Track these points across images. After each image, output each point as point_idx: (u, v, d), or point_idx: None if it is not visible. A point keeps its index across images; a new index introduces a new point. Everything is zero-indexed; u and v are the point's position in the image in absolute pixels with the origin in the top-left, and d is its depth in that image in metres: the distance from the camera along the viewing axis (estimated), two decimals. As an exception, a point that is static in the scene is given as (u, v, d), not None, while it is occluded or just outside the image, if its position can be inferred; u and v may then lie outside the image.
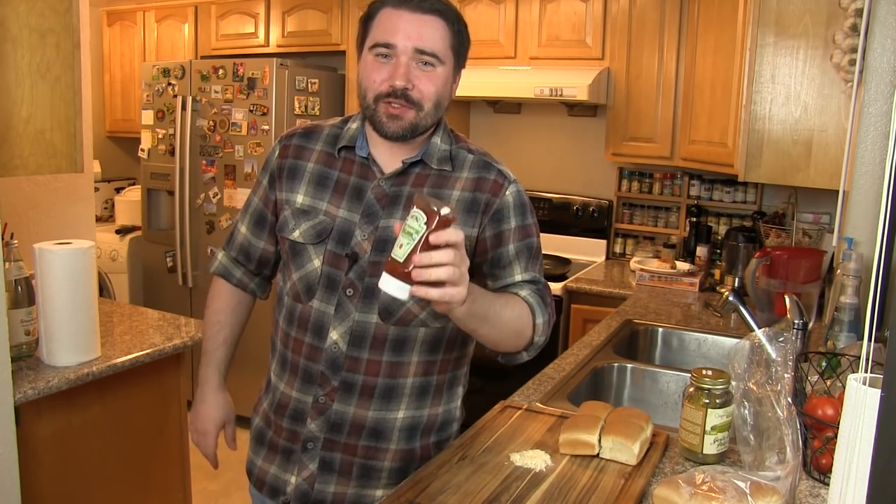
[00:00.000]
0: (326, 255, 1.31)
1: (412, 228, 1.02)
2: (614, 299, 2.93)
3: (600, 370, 1.98)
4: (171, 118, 3.90)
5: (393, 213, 1.30)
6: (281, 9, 4.05)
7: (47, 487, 1.82)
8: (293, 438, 1.38)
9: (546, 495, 1.20)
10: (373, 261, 1.29)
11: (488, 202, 1.32)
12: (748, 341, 1.28)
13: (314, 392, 1.34)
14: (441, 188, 1.32)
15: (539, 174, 3.80)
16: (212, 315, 1.51)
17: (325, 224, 1.32)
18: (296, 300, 1.35)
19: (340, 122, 1.41)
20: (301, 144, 1.39)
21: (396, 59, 1.23)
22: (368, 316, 1.30)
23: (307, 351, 1.34)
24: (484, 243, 1.33)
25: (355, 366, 1.31)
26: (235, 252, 1.48)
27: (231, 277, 1.49)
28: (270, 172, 1.41)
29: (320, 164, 1.36)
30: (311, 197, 1.34)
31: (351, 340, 1.31)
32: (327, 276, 1.31)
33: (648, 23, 3.15)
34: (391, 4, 1.25)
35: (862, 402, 0.85)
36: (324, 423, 1.34)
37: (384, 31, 1.24)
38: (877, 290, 0.79)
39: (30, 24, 1.89)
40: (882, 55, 1.92)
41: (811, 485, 1.28)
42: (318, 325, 1.32)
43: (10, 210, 2.44)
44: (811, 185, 2.34)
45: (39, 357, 1.85)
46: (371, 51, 1.25)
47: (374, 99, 1.25)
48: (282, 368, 1.40)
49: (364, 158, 1.33)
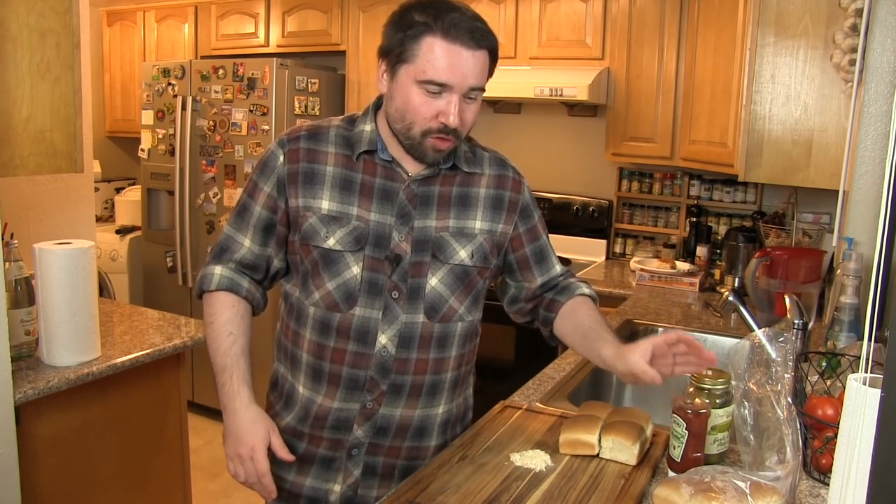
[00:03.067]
0: (366, 260, 1.29)
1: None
2: (614, 299, 2.93)
3: (600, 370, 1.98)
4: (171, 118, 3.90)
5: (427, 214, 1.32)
6: (281, 9, 4.05)
7: (47, 487, 1.82)
8: (336, 447, 1.35)
9: (546, 495, 1.20)
10: (414, 261, 1.30)
11: (513, 200, 1.40)
12: (748, 341, 1.28)
13: (361, 398, 1.32)
14: (468, 186, 1.36)
15: (539, 174, 3.80)
16: (221, 327, 1.34)
17: (360, 229, 1.29)
18: (331, 310, 1.30)
19: (345, 123, 1.36)
20: (311, 147, 1.32)
21: (449, 97, 1.21)
22: (415, 316, 1.31)
23: (352, 359, 1.30)
24: (519, 239, 1.42)
25: (404, 367, 1.31)
26: (235, 264, 1.37)
27: (240, 289, 1.36)
28: (278, 179, 1.32)
29: (339, 167, 1.31)
30: (337, 202, 1.29)
31: (400, 342, 1.30)
32: (369, 282, 1.29)
33: (648, 23, 3.15)
34: (442, 35, 1.19)
35: (862, 402, 0.84)
36: (370, 428, 1.33)
37: (438, 68, 1.19)
38: (877, 290, 0.79)
39: (30, 24, 1.89)
40: (882, 55, 1.92)
41: (811, 485, 1.28)
42: (363, 331, 1.29)
43: (10, 210, 2.44)
44: (811, 185, 2.34)
45: (39, 357, 1.85)
46: (421, 84, 1.20)
47: (421, 133, 1.24)
48: (315, 381, 1.33)
49: (388, 161, 1.31)
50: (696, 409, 1.25)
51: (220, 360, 1.33)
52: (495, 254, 1.38)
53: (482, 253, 1.35)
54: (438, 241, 1.31)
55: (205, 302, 1.38)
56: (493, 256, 1.37)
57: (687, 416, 1.24)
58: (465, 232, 1.33)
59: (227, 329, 1.34)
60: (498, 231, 1.37)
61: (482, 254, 1.35)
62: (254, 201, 1.34)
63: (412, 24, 1.20)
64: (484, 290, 1.42)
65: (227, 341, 1.34)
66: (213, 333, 1.35)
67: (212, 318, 1.36)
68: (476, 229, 1.34)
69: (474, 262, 1.34)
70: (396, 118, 1.26)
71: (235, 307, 1.36)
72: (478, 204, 1.36)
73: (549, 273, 1.46)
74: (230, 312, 1.35)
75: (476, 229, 1.34)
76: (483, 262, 1.35)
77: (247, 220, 1.35)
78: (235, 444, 1.29)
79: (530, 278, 1.45)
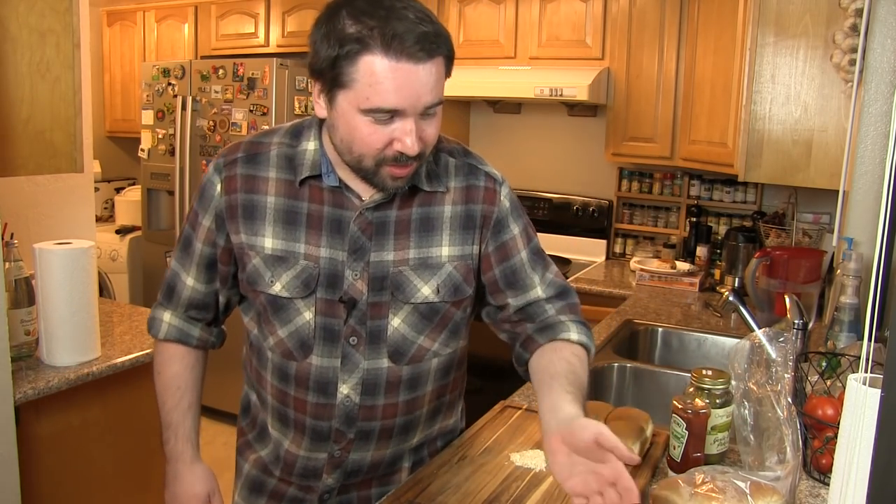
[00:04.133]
0: (318, 304, 1.14)
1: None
2: (614, 299, 2.92)
3: (600, 370, 1.98)
4: (171, 118, 3.90)
5: (383, 245, 1.14)
6: (281, 9, 4.05)
7: (47, 487, 1.82)
8: (307, 490, 1.28)
9: (546, 495, 1.20)
10: (372, 301, 1.15)
11: (485, 214, 1.19)
12: (748, 341, 1.28)
13: (328, 448, 1.22)
14: (430, 206, 1.16)
15: (539, 174, 3.80)
16: (169, 381, 1.27)
17: (309, 269, 1.13)
18: (287, 358, 1.18)
19: (288, 138, 1.17)
20: (249, 174, 1.14)
21: (402, 122, 1.02)
22: (378, 361, 1.17)
23: (313, 410, 1.19)
24: (488, 259, 1.20)
25: (371, 413, 1.19)
26: (184, 307, 1.25)
27: (190, 339, 1.26)
28: (216, 212, 1.17)
29: (281, 196, 1.13)
30: (282, 239, 1.13)
31: (364, 390, 1.17)
32: (323, 328, 1.15)
33: (648, 23, 3.15)
34: (383, 52, 0.97)
35: (862, 402, 0.84)
36: (340, 474, 1.25)
37: (384, 93, 0.98)
38: (877, 290, 0.78)
39: (30, 24, 1.89)
40: (882, 55, 1.92)
41: (811, 485, 1.28)
42: (323, 381, 1.17)
43: (10, 210, 2.44)
44: (811, 185, 2.34)
45: (39, 357, 1.85)
46: (366, 113, 1.00)
47: (374, 164, 1.05)
48: (283, 425, 1.25)
49: (335, 187, 1.13)
50: (696, 409, 1.25)
51: (165, 416, 1.29)
52: (471, 281, 1.20)
53: (451, 285, 1.17)
54: (397, 277, 1.14)
55: (154, 347, 1.30)
56: (467, 285, 1.19)
57: (687, 416, 1.24)
58: (430, 263, 1.16)
59: (174, 383, 1.27)
60: (472, 254, 1.18)
61: (451, 286, 1.17)
62: (195, 235, 1.20)
63: (344, 40, 0.98)
64: (466, 318, 1.25)
65: (174, 397, 1.28)
66: (161, 386, 1.29)
67: (160, 367, 1.29)
68: (443, 257, 1.16)
69: (441, 297, 1.16)
70: (343, 150, 1.07)
71: (185, 359, 1.28)
72: (443, 226, 1.16)
73: (526, 296, 1.22)
74: (178, 366, 1.27)
75: (443, 257, 1.16)
76: (454, 295, 1.18)
77: (190, 256, 1.22)
78: (171, 500, 1.31)
79: (502, 301, 1.23)
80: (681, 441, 1.25)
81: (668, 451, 1.29)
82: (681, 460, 1.26)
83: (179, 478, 1.30)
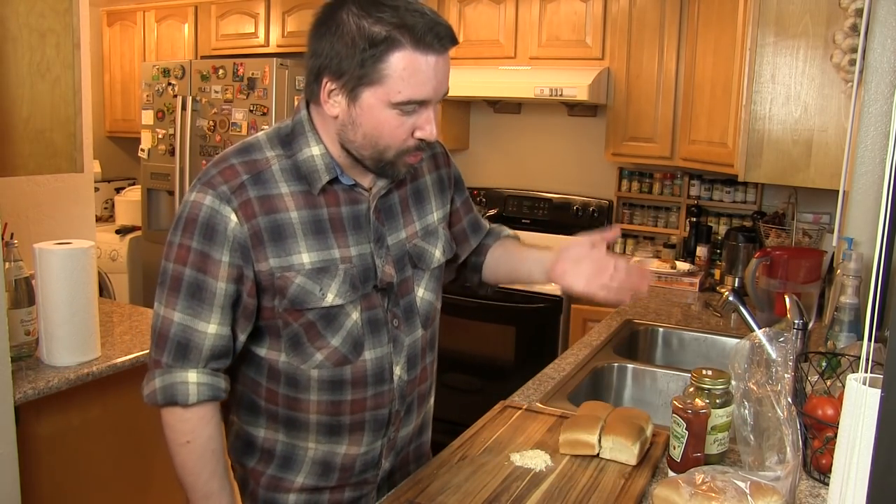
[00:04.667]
0: (362, 301, 1.17)
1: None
2: (614, 299, 2.92)
3: (600, 370, 1.98)
4: (171, 118, 3.90)
5: (396, 226, 1.23)
6: (281, 9, 4.05)
7: (47, 487, 1.82)
8: (363, 486, 1.28)
9: (546, 495, 1.20)
10: (400, 280, 1.23)
11: (448, 175, 1.36)
12: (748, 341, 1.28)
13: (386, 433, 1.26)
14: (417, 179, 1.29)
15: (539, 174, 3.80)
16: (205, 446, 1.15)
17: (350, 272, 1.15)
18: (340, 365, 1.17)
19: (280, 149, 1.15)
20: (263, 195, 1.11)
21: (426, 111, 1.09)
22: (415, 333, 1.26)
23: (373, 402, 1.22)
24: (458, 212, 1.39)
25: (413, 385, 1.28)
26: (206, 361, 1.13)
27: (220, 394, 1.16)
28: (237, 243, 1.10)
29: (303, 208, 1.13)
30: (316, 251, 1.13)
31: (408, 365, 1.25)
32: (369, 322, 1.19)
33: (648, 23, 3.15)
34: (413, 47, 1.03)
35: (862, 402, 0.84)
36: (394, 456, 1.31)
37: (416, 85, 1.05)
38: (877, 290, 0.79)
39: (30, 24, 1.89)
40: (882, 55, 1.92)
41: (811, 485, 1.28)
42: (379, 371, 1.21)
43: (10, 210, 2.44)
44: (811, 185, 2.34)
45: (39, 357, 1.85)
46: (396, 106, 1.06)
47: (396, 154, 1.11)
48: (332, 435, 1.22)
49: (350, 186, 1.17)
50: (696, 409, 1.25)
51: (202, 487, 1.16)
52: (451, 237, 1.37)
53: (448, 244, 1.33)
54: (414, 250, 1.25)
55: (173, 416, 1.14)
56: (452, 241, 1.36)
57: (687, 416, 1.24)
58: (430, 229, 1.29)
59: (210, 447, 1.16)
60: (447, 210, 1.35)
61: (448, 245, 1.33)
62: (209, 276, 1.10)
63: (374, 41, 1.02)
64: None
65: (211, 462, 1.16)
66: (195, 455, 1.15)
67: (191, 435, 1.14)
68: (436, 221, 1.30)
69: (445, 255, 1.32)
70: (363, 145, 1.10)
71: (215, 417, 1.17)
72: (430, 194, 1.31)
73: (481, 234, 1.45)
74: (211, 427, 1.16)
75: (436, 221, 1.30)
76: (450, 252, 1.34)
77: (207, 301, 1.10)
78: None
79: (466, 246, 1.41)
80: (681, 441, 1.25)
81: (668, 451, 1.29)
82: (681, 460, 1.26)
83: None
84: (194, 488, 1.17)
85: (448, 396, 1.55)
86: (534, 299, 3.06)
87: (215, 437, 1.17)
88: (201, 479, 1.16)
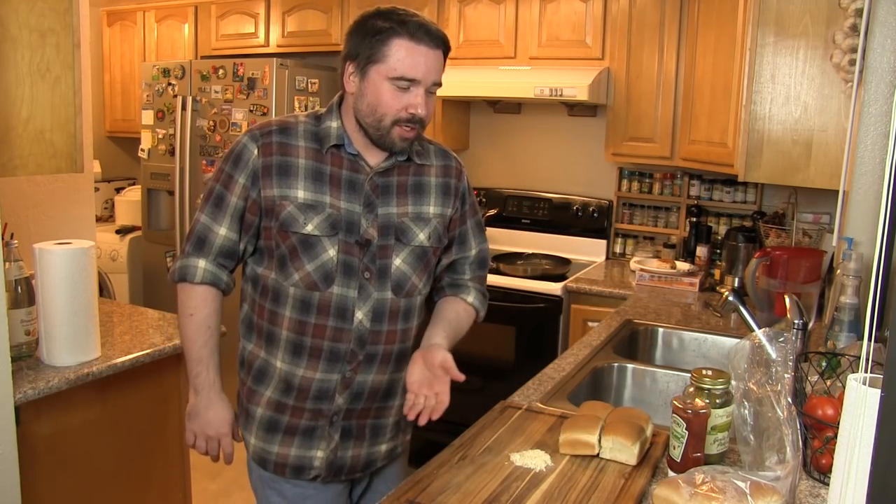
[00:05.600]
0: (340, 244, 1.42)
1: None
2: (614, 299, 2.93)
3: (600, 370, 1.98)
4: (171, 118, 3.90)
5: (389, 202, 1.46)
6: (281, 9, 4.05)
7: (47, 487, 1.82)
8: (317, 416, 1.48)
9: (546, 495, 1.20)
10: (381, 245, 1.45)
11: (456, 186, 1.57)
12: (748, 341, 1.28)
13: (341, 369, 1.45)
14: (421, 176, 1.51)
15: (539, 174, 3.80)
16: (202, 321, 1.48)
17: (334, 216, 1.42)
18: (311, 289, 1.42)
19: (311, 119, 1.47)
20: (283, 141, 1.43)
21: (416, 90, 1.37)
22: (384, 293, 1.46)
23: (332, 334, 1.44)
24: (455, 221, 1.58)
25: (378, 338, 1.47)
26: (214, 255, 1.46)
27: (220, 283, 1.48)
28: (252, 171, 1.42)
29: (311, 159, 1.43)
30: (311, 192, 1.42)
31: (373, 317, 1.45)
32: (343, 263, 1.42)
33: (648, 23, 3.15)
34: (408, 36, 1.35)
35: (862, 402, 0.85)
36: (349, 396, 1.47)
37: (407, 65, 1.35)
38: (877, 290, 0.79)
39: (30, 24, 1.89)
40: (882, 55, 1.92)
41: (811, 485, 1.28)
42: (342, 308, 1.43)
43: (10, 210, 2.44)
44: (811, 185, 2.34)
45: (39, 357, 1.85)
46: (391, 81, 1.36)
47: (391, 122, 1.38)
48: (296, 355, 1.45)
49: (353, 155, 1.45)
50: (696, 409, 1.25)
51: (196, 353, 1.49)
52: (446, 234, 1.55)
53: (437, 234, 1.52)
54: (401, 226, 1.47)
55: (184, 292, 1.48)
56: (444, 237, 1.55)
57: (687, 416, 1.24)
58: (422, 216, 1.50)
59: (206, 323, 1.48)
60: (448, 214, 1.54)
61: (437, 235, 1.52)
62: (229, 192, 1.44)
63: (379, 30, 1.35)
64: (435, 266, 1.59)
65: (205, 335, 1.49)
66: (194, 326, 1.48)
67: (193, 310, 1.48)
68: (431, 214, 1.51)
69: (431, 242, 1.51)
70: (367, 112, 1.39)
71: (214, 302, 1.49)
72: (430, 191, 1.52)
73: (461, 253, 1.61)
74: (210, 308, 1.48)
75: (431, 214, 1.51)
76: (437, 242, 1.53)
77: (223, 210, 1.44)
78: (204, 426, 1.52)
79: (447, 256, 1.60)
80: (681, 441, 1.25)
81: (668, 451, 1.30)
82: (681, 460, 1.26)
83: (212, 405, 1.51)
84: (190, 352, 1.49)
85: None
86: (534, 299, 3.06)
87: (212, 315, 1.49)
88: (196, 345, 1.48)
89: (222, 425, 1.52)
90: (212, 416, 1.51)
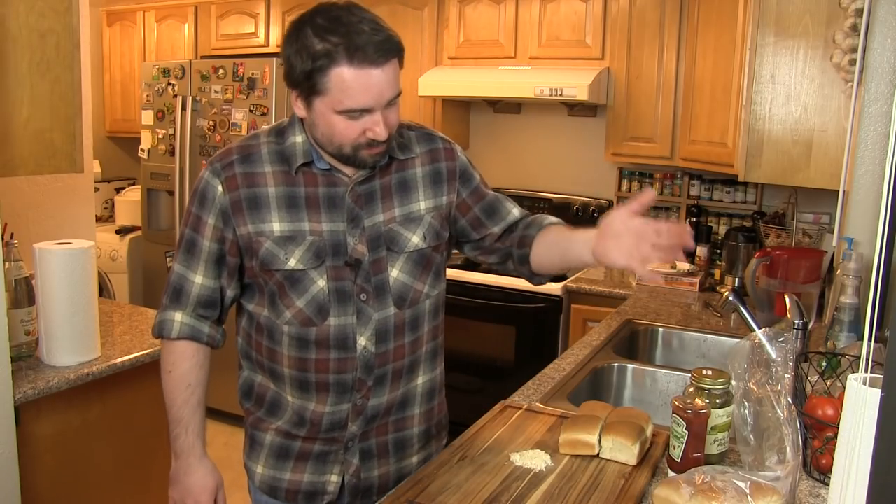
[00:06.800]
0: (329, 271, 1.31)
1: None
2: (614, 299, 2.92)
3: (600, 370, 1.98)
4: (171, 118, 3.90)
5: (374, 210, 1.34)
6: (281, 9, 4.05)
7: (47, 487, 1.82)
8: (331, 443, 1.39)
9: (546, 495, 1.20)
10: (373, 260, 1.33)
11: (450, 168, 1.42)
12: (748, 341, 1.28)
13: (351, 399, 1.36)
14: (404, 171, 1.38)
15: (539, 174, 3.80)
16: (180, 378, 1.37)
17: (316, 243, 1.30)
18: (306, 325, 1.32)
19: (273, 137, 1.34)
20: (247, 171, 1.30)
21: (371, 115, 1.22)
22: (386, 311, 1.34)
23: (336, 366, 1.33)
24: (465, 203, 1.43)
25: (385, 359, 1.36)
26: (192, 307, 1.35)
27: (200, 336, 1.36)
28: (221, 209, 1.30)
29: (281, 185, 1.30)
30: (287, 221, 1.29)
31: (377, 339, 1.34)
32: (336, 291, 1.31)
33: (648, 23, 3.15)
34: (348, 63, 1.16)
35: (862, 402, 0.84)
36: (363, 421, 1.38)
37: (353, 96, 1.18)
38: (877, 290, 0.79)
39: (30, 24, 1.89)
40: (882, 55, 1.92)
41: (811, 485, 1.28)
42: (342, 338, 1.32)
43: (10, 210, 2.44)
44: (811, 185, 2.34)
45: (39, 357, 1.85)
46: (340, 113, 1.21)
47: (352, 149, 1.25)
48: (303, 391, 1.36)
49: (326, 170, 1.31)
50: (696, 409, 1.25)
51: (175, 412, 1.38)
52: (446, 226, 1.42)
53: (433, 232, 1.39)
54: (389, 234, 1.34)
55: (164, 348, 1.38)
56: (444, 230, 1.41)
57: (687, 416, 1.24)
58: (412, 217, 1.36)
59: (185, 381, 1.37)
60: (444, 204, 1.40)
61: (433, 233, 1.39)
62: (199, 235, 1.32)
63: (315, 56, 1.17)
64: (444, 261, 1.46)
65: (184, 393, 1.37)
66: (172, 384, 1.37)
67: (171, 367, 1.37)
68: (422, 210, 1.38)
69: (428, 242, 1.38)
70: (324, 141, 1.27)
71: (195, 357, 1.37)
72: (417, 185, 1.38)
73: (506, 220, 1.45)
74: (190, 363, 1.37)
75: (422, 210, 1.38)
76: (436, 239, 1.39)
77: (196, 256, 1.33)
78: (183, 493, 1.40)
79: (486, 231, 1.45)
80: (681, 441, 1.25)
81: (668, 451, 1.29)
82: (681, 460, 1.26)
83: (191, 472, 1.39)
84: (169, 411, 1.39)
85: (448, 396, 1.54)
86: (534, 299, 3.06)
87: (192, 372, 1.37)
88: (175, 405, 1.38)
89: (202, 493, 1.39)
90: (191, 483, 1.39)
